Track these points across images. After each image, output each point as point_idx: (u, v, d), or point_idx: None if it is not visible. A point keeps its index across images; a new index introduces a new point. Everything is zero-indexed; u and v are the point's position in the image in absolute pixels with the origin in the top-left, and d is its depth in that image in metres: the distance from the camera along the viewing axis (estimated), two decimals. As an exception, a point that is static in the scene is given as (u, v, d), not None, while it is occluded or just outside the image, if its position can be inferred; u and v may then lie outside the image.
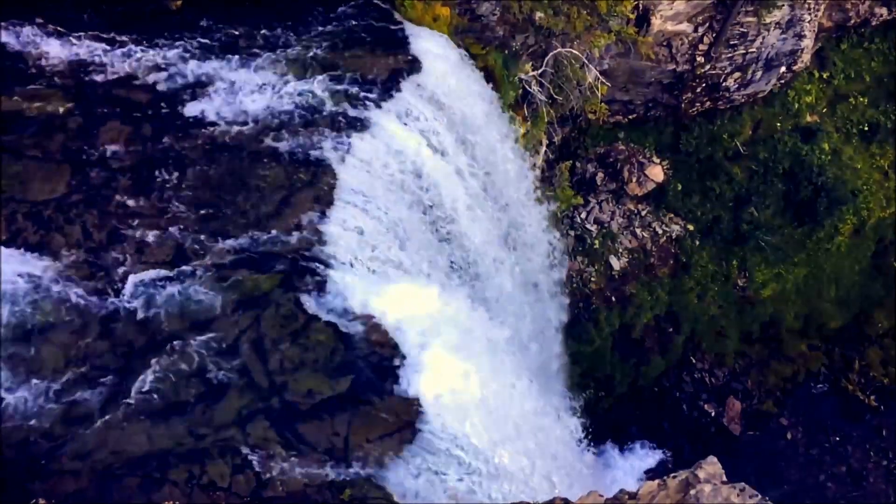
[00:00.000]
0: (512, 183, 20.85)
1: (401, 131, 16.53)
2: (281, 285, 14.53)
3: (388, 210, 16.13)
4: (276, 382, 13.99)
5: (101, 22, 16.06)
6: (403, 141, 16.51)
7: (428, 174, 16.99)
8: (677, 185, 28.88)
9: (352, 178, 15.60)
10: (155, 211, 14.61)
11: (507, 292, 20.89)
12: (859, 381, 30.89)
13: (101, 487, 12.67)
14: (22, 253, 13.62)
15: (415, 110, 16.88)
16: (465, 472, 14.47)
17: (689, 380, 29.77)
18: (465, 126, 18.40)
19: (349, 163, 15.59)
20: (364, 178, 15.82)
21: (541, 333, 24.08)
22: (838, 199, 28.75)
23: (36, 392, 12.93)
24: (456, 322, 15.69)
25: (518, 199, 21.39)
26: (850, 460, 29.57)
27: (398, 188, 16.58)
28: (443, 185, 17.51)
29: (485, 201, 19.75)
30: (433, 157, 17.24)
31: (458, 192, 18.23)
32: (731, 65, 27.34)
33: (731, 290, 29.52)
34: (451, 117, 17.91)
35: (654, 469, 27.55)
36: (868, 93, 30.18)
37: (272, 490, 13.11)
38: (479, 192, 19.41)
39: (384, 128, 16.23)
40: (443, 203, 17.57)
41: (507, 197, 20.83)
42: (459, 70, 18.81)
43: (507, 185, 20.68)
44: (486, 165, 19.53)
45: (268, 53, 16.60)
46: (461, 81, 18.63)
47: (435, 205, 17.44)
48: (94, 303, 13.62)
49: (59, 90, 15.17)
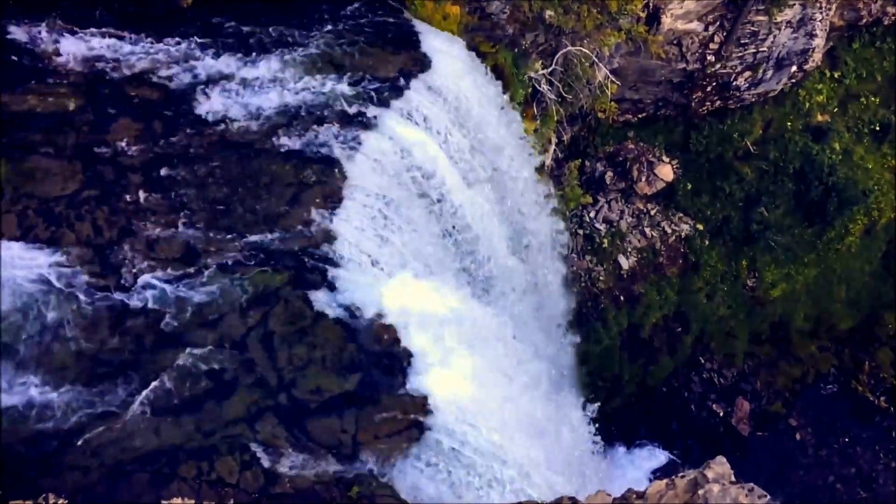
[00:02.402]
0: (520, 181, 20.82)
1: (410, 129, 16.54)
2: (290, 283, 14.57)
3: (397, 208, 16.15)
4: (285, 379, 14.02)
5: (113, 19, 16.13)
6: (412, 139, 16.51)
7: (436, 172, 16.99)
8: (687, 185, 28.79)
9: (361, 176, 15.63)
10: (165, 208, 14.66)
11: (515, 289, 20.87)
12: (869, 382, 30.74)
13: (111, 483, 12.73)
14: (33, 249, 13.69)
15: (424, 109, 16.89)
16: (472, 470, 14.47)
17: (697, 380, 29.69)
18: (473, 124, 18.39)
19: (358, 161, 15.61)
20: (373, 176, 15.84)
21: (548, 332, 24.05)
22: (849, 199, 28.60)
23: (45, 388, 12.99)
24: (464, 320, 15.69)
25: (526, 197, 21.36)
26: (860, 462, 29.43)
27: (407, 186, 16.60)
28: (451, 184, 17.51)
29: (493, 198, 19.73)
30: (441, 155, 17.24)
31: (465, 190, 18.22)
32: (742, 64, 27.23)
33: (740, 290, 29.42)
34: (460, 116, 17.90)
35: (662, 469, 27.51)
36: (880, 92, 30.01)
37: (280, 487, 13.15)
38: (487, 189, 19.40)
39: (393, 126, 16.24)
40: (451, 201, 17.57)
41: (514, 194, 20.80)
42: (469, 69, 18.79)
43: (514, 183, 20.65)
44: (494, 163, 19.51)
45: (278, 51, 16.63)
46: (470, 80, 18.61)
47: (443, 202, 17.44)
48: (104, 299, 13.67)
49: (70, 87, 15.24)
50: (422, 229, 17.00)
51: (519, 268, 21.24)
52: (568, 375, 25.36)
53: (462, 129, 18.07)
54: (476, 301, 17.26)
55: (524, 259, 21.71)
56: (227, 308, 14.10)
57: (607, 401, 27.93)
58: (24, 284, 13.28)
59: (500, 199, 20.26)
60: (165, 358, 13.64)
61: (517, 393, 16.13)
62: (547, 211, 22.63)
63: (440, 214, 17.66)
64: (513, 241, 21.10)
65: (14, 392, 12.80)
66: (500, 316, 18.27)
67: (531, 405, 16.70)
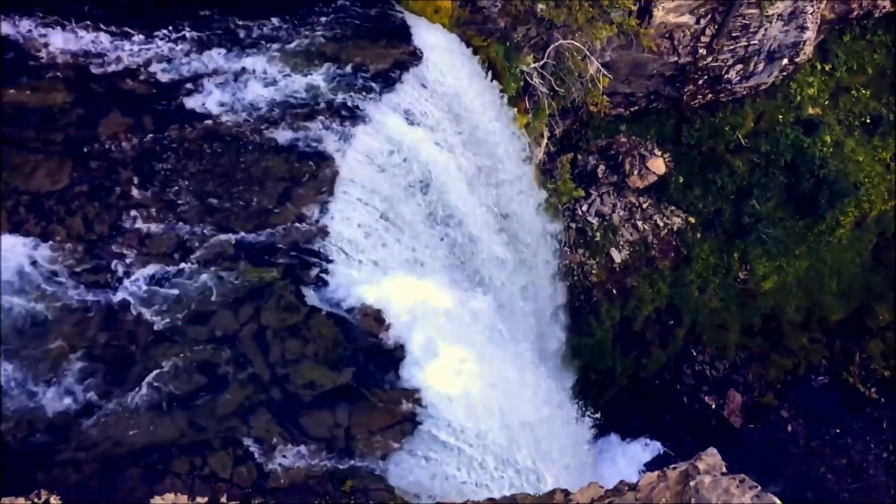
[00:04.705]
0: (512, 174, 20.82)
1: (402, 123, 16.51)
2: (282, 277, 14.55)
3: (389, 202, 16.13)
4: (278, 374, 14.02)
5: (103, 13, 16.02)
6: (404, 133, 16.49)
7: (428, 166, 16.97)
8: (679, 178, 28.84)
9: (353, 170, 15.60)
10: (156, 203, 14.62)
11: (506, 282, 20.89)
12: (860, 373, 30.91)
13: (104, 479, 12.73)
14: (24, 245, 13.63)
15: (416, 102, 16.86)
16: (465, 463, 14.51)
17: (689, 372, 29.81)
18: (465, 118, 18.37)
19: (350, 155, 15.58)
20: (365, 170, 15.82)
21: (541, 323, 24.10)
22: (840, 191, 28.71)
23: (38, 384, 12.96)
24: (456, 313, 15.71)
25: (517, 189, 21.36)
26: (851, 452, 29.63)
27: (399, 180, 16.57)
28: (443, 176, 17.50)
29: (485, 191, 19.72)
30: (433, 148, 17.22)
31: (458, 183, 18.21)
32: (734, 57, 27.25)
33: (732, 282, 29.52)
34: (451, 109, 17.88)
35: (654, 461, 27.62)
36: (870, 85, 30.09)
37: (274, 481, 13.16)
38: (479, 183, 19.39)
39: (385, 120, 16.21)
40: (442, 194, 17.56)
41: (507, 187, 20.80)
42: (461, 62, 18.76)
43: (507, 176, 20.65)
44: (486, 156, 19.50)
45: (269, 45, 16.56)
46: (462, 74, 18.58)
47: (435, 196, 17.43)
48: (96, 295, 13.64)
49: (60, 82, 15.14)
50: (414, 223, 16.99)
51: (511, 260, 21.25)
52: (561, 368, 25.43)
53: (454, 122, 18.05)
54: (468, 294, 17.26)
55: (516, 251, 21.73)
56: (220, 303, 14.08)
57: (600, 393, 28.05)
58: (14, 279, 13.23)
59: (493, 192, 20.25)
60: (158, 353, 13.62)
61: (510, 385, 16.17)
62: (539, 204, 22.64)
63: (432, 208, 17.65)
64: (505, 233, 21.11)
65: (6, 388, 12.76)
66: (493, 308, 18.28)
67: (524, 397, 16.74)
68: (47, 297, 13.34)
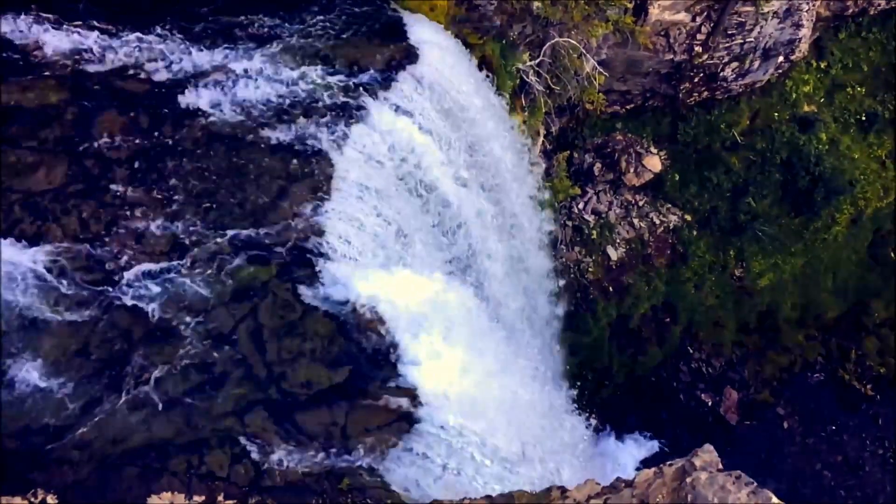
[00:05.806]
0: (508, 172, 20.83)
1: (398, 121, 16.50)
2: (278, 276, 14.55)
3: (385, 200, 16.13)
4: (275, 373, 14.02)
5: (98, 11, 15.99)
6: (400, 130, 16.48)
7: (424, 163, 16.97)
8: (675, 176, 28.88)
9: (349, 168, 15.59)
10: (152, 202, 14.59)
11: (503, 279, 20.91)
12: (856, 370, 30.98)
13: (101, 477, 12.71)
14: (20, 244, 13.60)
15: (412, 100, 16.85)
16: (461, 461, 14.52)
17: (686, 370, 29.85)
18: (461, 115, 18.36)
19: (346, 153, 15.57)
20: (361, 168, 15.81)
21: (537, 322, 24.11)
22: (836, 189, 28.77)
23: (35, 383, 12.94)
24: (453, 312, 15.71)
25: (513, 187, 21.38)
26: (847, 449, 29.70)
27: (395, 178, 16.57)
28: (440, 175, 17.49)
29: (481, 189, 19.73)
30: (429, 146, 17.21)
31: (454, 181, 18.21)
32: (729, 54, 27.29)
33: (728, 280, 29.57)
34: (447, 107, 17.87)
35: (651, 457, 27.66)
36: (866, 82, 30.14)
37: (271, 480, 13.16)
38: (475, 180, 19.40)
39: (381, 117, 16.20)
40: (440, 192, 17.57)
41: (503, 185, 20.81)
42: (456, 60, 18.76)
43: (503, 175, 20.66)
44: (482, 154, 19.50)
45: (265, 43, 16.55)
46: (458, 71, 18.58)
47: (432, 194, 17.44)
48: (91, 293, 13.62)
49: (55, 80, 15.11)
50: (411, 221, 16.99)
51: (508, 257, 21.27)
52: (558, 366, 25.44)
53: (450, 120, 18.05)
54: (466, 292, 17.27)
55: (514, 248, 21.75)
56: (216, 301, 14.07)
57: (597, 391, 28.08)
58: (11, 278, 13.20)
59: (489, 190, 20.26)
60: (154, 352, 13.61)
61: (506, 383, 16.19)
62: (535, 201, 22.66)
63: (429, 206, 17.65)
64: (502, 231, 21.12)
65: (3, 387, 12.75)
66: (490, 306, 18.31)
67: (520, 395, 16.76)
68: (43, 294, 13.31)
